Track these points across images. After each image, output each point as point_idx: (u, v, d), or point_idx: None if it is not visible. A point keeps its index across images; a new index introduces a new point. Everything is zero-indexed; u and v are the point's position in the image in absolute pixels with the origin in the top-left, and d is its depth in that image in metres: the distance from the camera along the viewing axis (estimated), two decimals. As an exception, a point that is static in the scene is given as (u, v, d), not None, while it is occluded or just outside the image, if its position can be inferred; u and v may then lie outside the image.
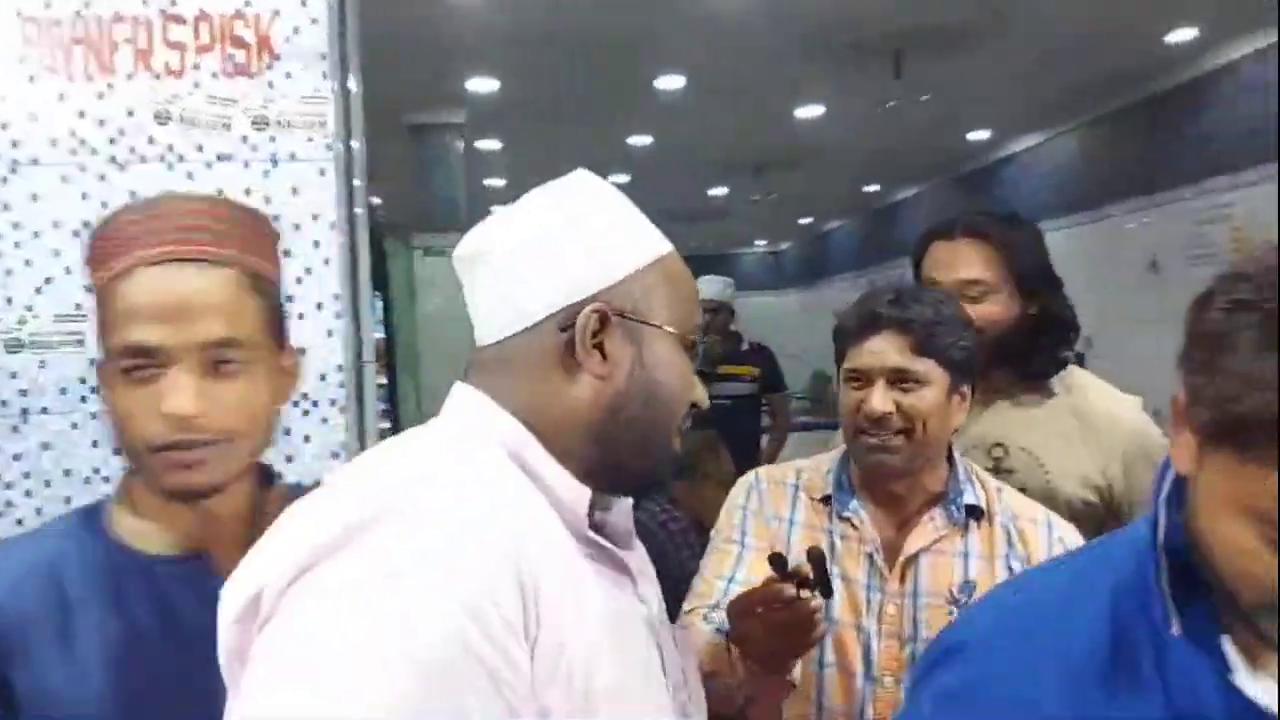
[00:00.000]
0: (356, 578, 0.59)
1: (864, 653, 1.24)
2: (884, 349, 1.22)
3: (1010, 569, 1.21)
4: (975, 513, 1.26)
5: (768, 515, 1.34)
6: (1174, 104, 5.42)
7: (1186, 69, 5.24)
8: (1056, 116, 6.41)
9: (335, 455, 1.38)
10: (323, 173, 1.38)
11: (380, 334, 5.31)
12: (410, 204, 6.18)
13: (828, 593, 0.99)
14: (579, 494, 0.75)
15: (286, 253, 1.38)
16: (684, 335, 0.80)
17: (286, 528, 0.66)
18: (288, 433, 1.37)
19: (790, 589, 0.96)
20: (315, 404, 1.37)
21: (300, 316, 1.37)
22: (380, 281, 5.25)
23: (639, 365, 0.77)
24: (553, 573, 0.65)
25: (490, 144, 6.74)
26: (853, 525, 1.28)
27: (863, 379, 1.25)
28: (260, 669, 0.59)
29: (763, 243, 13.87)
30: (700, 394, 0.83)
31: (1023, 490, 1.37)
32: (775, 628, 0.97)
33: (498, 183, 8.10)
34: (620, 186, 0.83)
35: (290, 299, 1.36)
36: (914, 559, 1.24)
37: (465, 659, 0.58)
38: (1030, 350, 1.53)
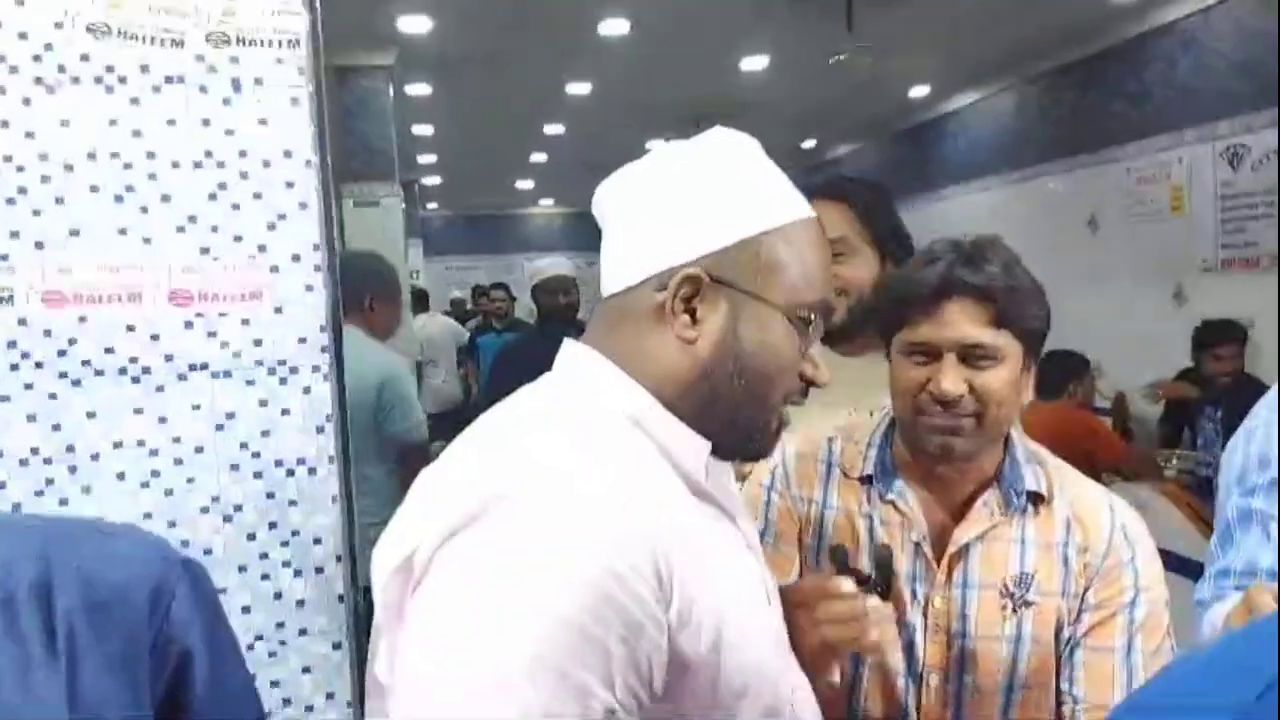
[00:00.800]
0: (503, 544, 0.62)
1: (907, 650, 1.13)
2: (957, 320, 1.06)
3: (1066, 559, 1.10)
4: (1034, 498, 1.13)
5: (794, 496, 1.22)
6: (1114, 62, 5.46)
7: (1127, 27, 5.27)
8: (996, 73, 6.42)
9: (320, 430, 1.20)
10: (295, 102, 1.18)
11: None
12: (337, 153, 5.82)
13: (886, 594, 0.93)
14: (697, 451, 0.76)
15: (256, 195, 1.18)
16: (792, 310, 0.77)
17: (431, 491, 0.69)
18: (263, 404, 1.19)
19: (849, 583, 0.91)
20: (295, 370, 1.18)
21: (274, 269, 1.17)
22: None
23: (732, 336, 0.76)
24: (680, 533, 0.68)
25: (420, 89, 6.40)
26: (898, 510, 1.15)
27: (929, 353, 1.09)
28: (418, 631, 0.63)
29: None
30: (816, 371, 0.80)
31: None
32: (824, 623, 0.90)
33: (426, 130, 7.74)
34: (556, 137, 0.81)
35: (262, 249, 1.17)
36: (965, 549, 1.12)
37: (610, 614, 0.61)
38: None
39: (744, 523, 0.84)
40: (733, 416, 0.77)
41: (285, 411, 1.19)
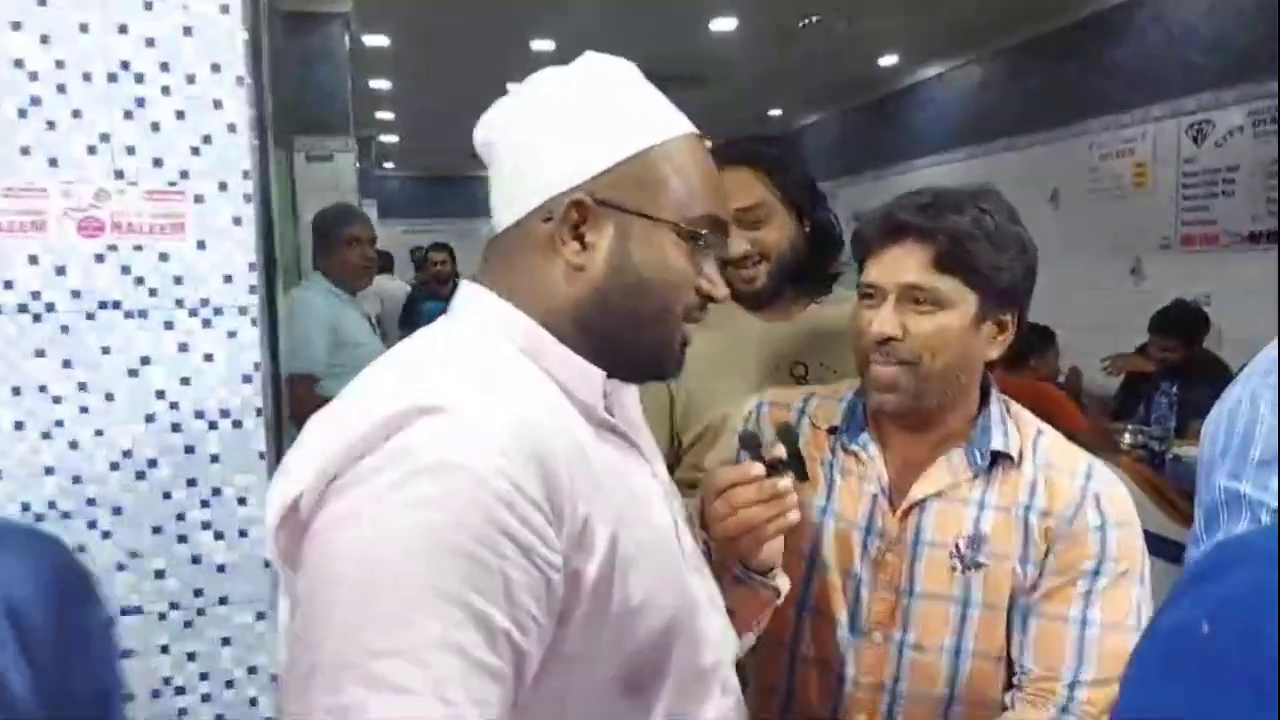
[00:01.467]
0: (388, 479, 0.61)
1: (852, 602, 1.10)
2: (901, 261, 1.04)
3: (1028, 523, 1.05)
4: (1002, 459, 1.08)
5: (766, 441, 1.15)
6: (1083, 36, 5.43)
7: (1097, 1, 5.23)
8: (965, 45, 6.37)
9: (246, 379, 1.09)
10: (226, 9, 1.05)
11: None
12: (290, 105, 5.58)
13: (802, 475, 0.92)
14: (590, 378, 0.77)
15: (179, 114, 1.05)
16: (682, 224, 0.77)
17: (316, 432, 0.68)
18: (183, 348, 1.07)
19: (758, 466, 0.90)
20: (219, 312, 1.07)
21: (198, 199, 1.05)
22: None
23: (623, 257, 0.76)
24: (571, 455, 0.68)
25: (378, 40, 6.16)
26: (858, 459, 1.13)
27: (876, 294, 1.07)
28: (314, 574, 0.63)
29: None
30: (711, 286, 0.80)
31: None
32: (742, 509, 0.90)
33: (384, 85, 7.49)
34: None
35: (185, 175, 1.05)
36: (921, 504, 1.08)
37: (502, 539, 0.61)
38: (809, 267, 1.54)
39: (650, 452, 0.85)
40: (633, 338, 0.78)
41: (208, 358, 1.08)
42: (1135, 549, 1.05)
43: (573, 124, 0.77)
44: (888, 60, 7.00)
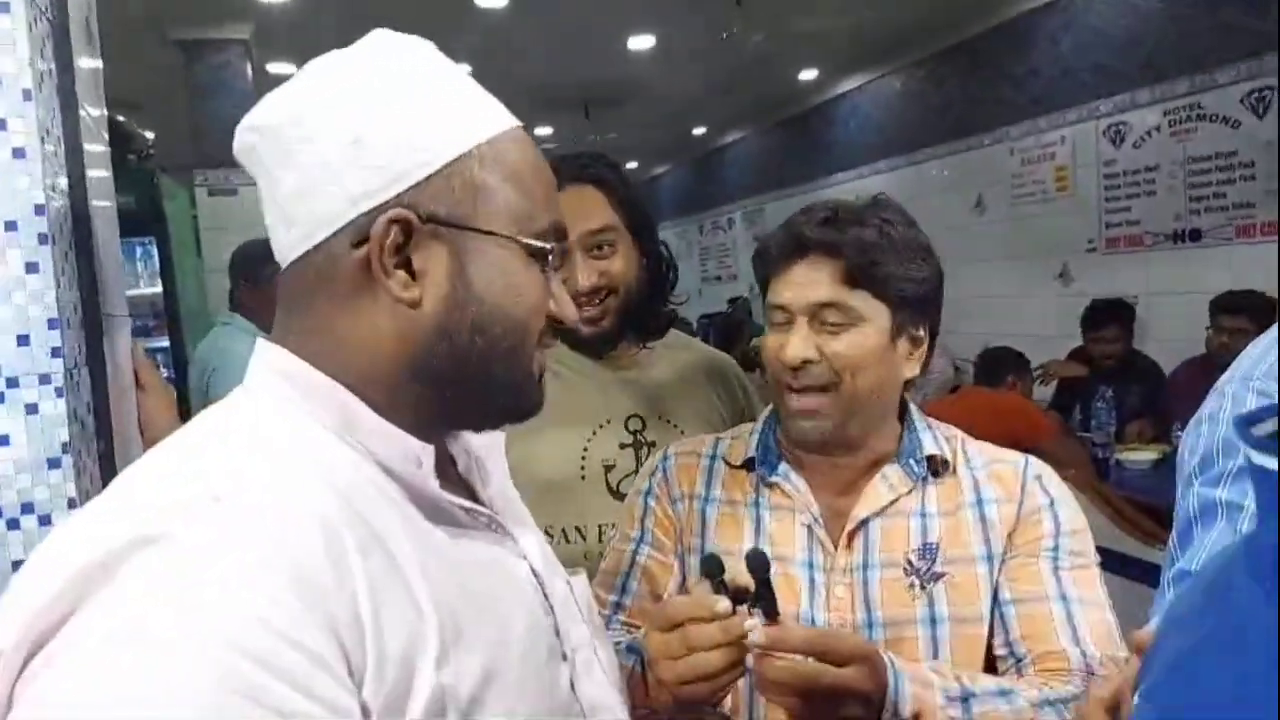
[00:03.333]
0: (103, 647, 0.47)
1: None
2: (807, 279, 0.99)
3: (984, 518, 1.02)
4: (935, 465, 1.05)
5: (673, 496, 1.10)
6: (998, 42, 5.47)
7: (1010, 7, 5.27)
8: (882, 57, 6.39)
9: (54, 464, 0.87)
10: (4, 6, 0.85)
11: (158, 288, 4.55)
12: (189, 137, 5.29)
13: (772, 612, 0.81)
14: (417, 457, 0.62)
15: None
16: (526, 238, 0.64)
17: (30, 567, 0.53)
18: (-31, 432, 0.85)
19: (720, 602, 0.78)
20: (13, 383, 0.85)
21: (-24, 244, 0.84)
22: (156, 228, 4.47)
23: (461, 283, 0.62)
24: (382, 576, 0.54)
25: (283, 67, 5.90)
26: (783, 492, 1.05)
27: (786, 318, 1.01)
28: None
29: (587, 188, 13.42)
30: (562, 309, 0.68)
31: None
32: (700, 651, 0.78)
33: (294, 116, 7.19)
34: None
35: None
36: (863, 526, 1.02)
37: (243, 705, 0.46)
38: (650, 306, 1.37)
39: (522, 529, 0.71)
40: (485, 380, 0.64)
41: (2, 440, 0.86)
42: (1084, 529, 1.03)
43: (378, 121, 0.60)
44: (808, 75, 7.00)
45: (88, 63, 1.12)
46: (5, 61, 0.84)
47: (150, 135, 6.69)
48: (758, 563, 0.83)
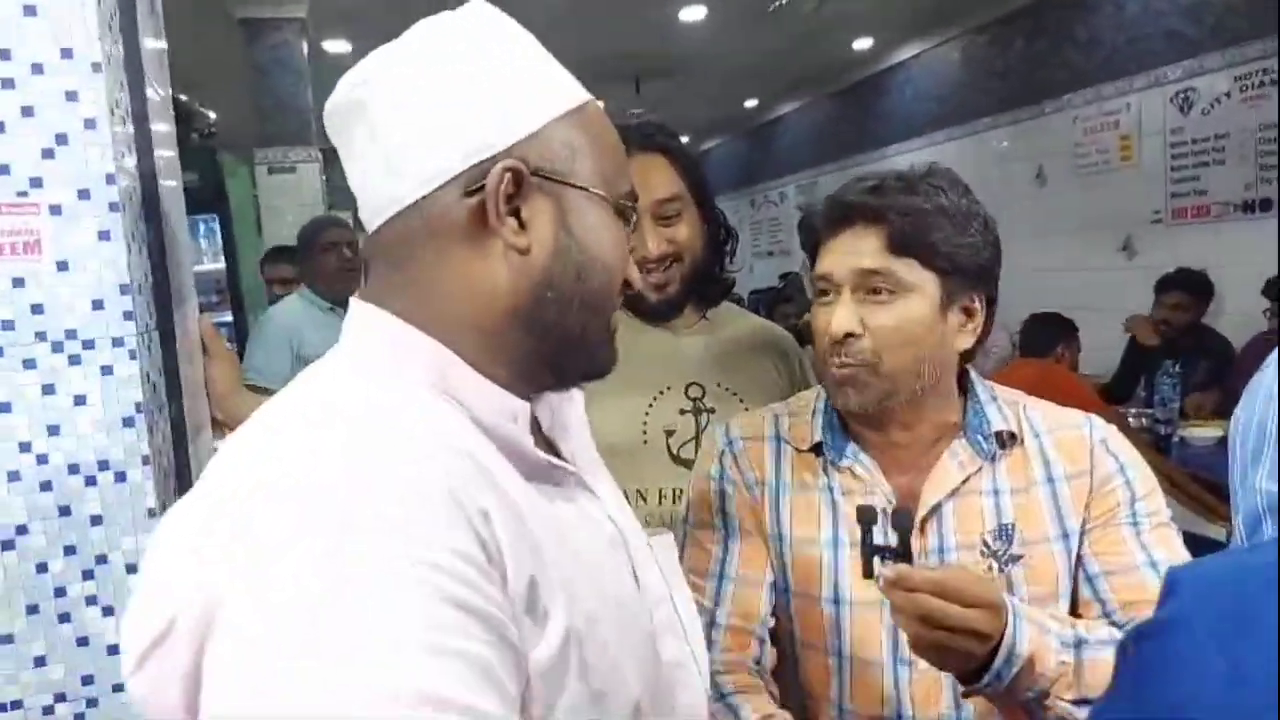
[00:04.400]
0: (308, 580, 0.49)
1: (890, 633, 1.00)
2: (852, 247, 0.98)
3: (1056, 494, 1.00)
4: (1003, 438, 1.02)
5: (748, 482, 1.09)
6: (1059, 9, 5.30)
7: (1074, -29, 5.10)
8: (940, 23, 6.23)
9: (128, 423, 0.92)
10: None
11: (221, 264, 4.68)
12: (249, 115, 5.40)
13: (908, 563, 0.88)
14: (514, 414, 0.64)
15: (25, 110, 0.88)
16: (615, 199, 0.68)
17: (179, 532, 0.55)
18: (48, 390, 0.90)
19: (916, 572, 0.85)
20: (89, 345, 0.90)
21: (54, 210, 0.88)
22: (218, 206, 4.59)
23: (565, 233, 0.65)
24: (504, 514, 0.57)
25: (338, 45, 5.98)
26: (855, 476, 1.03)
27: (831, 288, 1.00)
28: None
29: (638, 162, 13.39)
30: (635, 272, 0.71)
31: None
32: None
33: (349, 94, 7.29)
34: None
35: (36, 183, 0.87)
36: (936, 510, 1.00)
37: (461, 616, 0.50)
38: (711, 274, 1.40)
39: (606, 489, 0.73)
40: (580, 330, 0.67)
41: (79, 400, 0.90)
42: (1156, 488, 1.02)
43: (492, 77, 0.64)
44: (862, 44, 6.86)
45: (152, 43, 1.16)
46: (76, 36, 0.88)
47: (213, 114, 6.85)
48: (900, 522, 0.89)
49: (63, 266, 0.88)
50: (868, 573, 0.89)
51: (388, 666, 0.47)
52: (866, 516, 0.90)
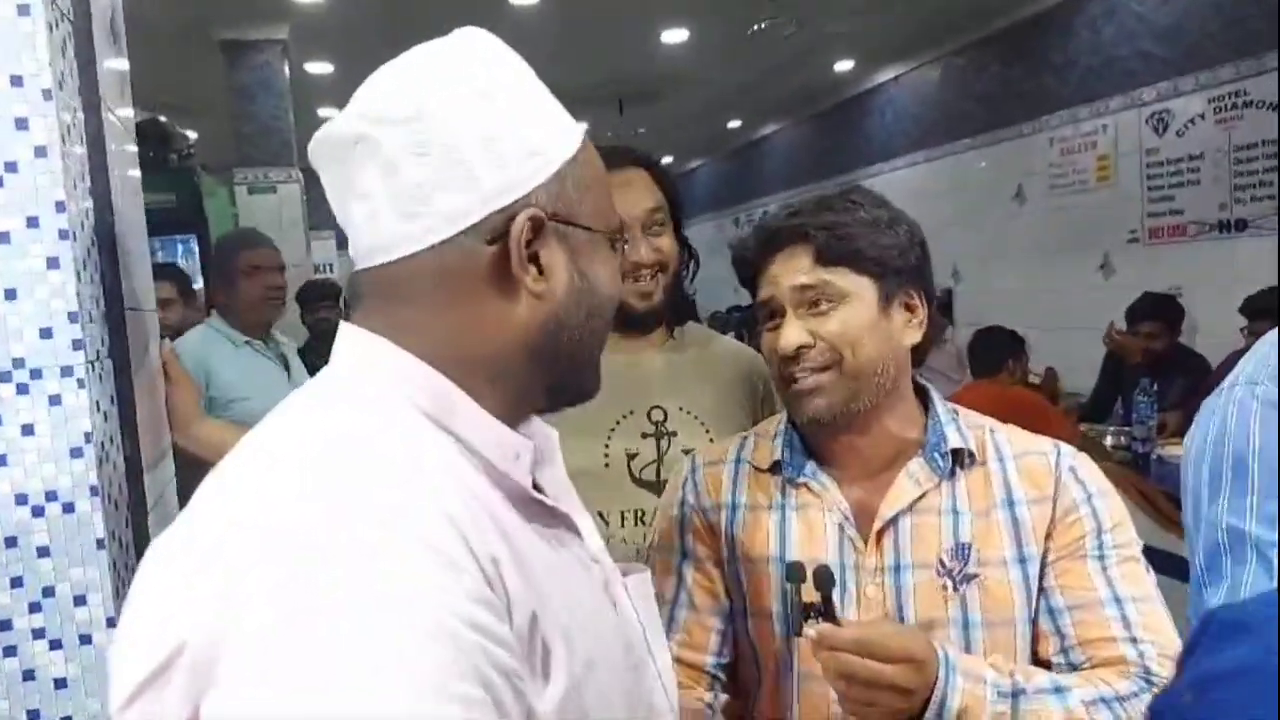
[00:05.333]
0: (315, 622, 0.48)
1: None
2: (784, 269, 1.02)
3: (1016, 519, 0.99)
4: (961, 458, 1.02)
5: (705, 508, 1.10)
6: (1039, 31, 5.37)
7: (1051, -5, 5.17)
8: (921, 45, 6.30)
9: (77, 453, 0.90)
10: (24, 9, 0.87)
11: (199, 285, 4.66)
12: (231, 136, 5.40)
13: (832, 623, 0.87)
14: (517, 452, 0.64)
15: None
16: (611, 232, 0.70)
17: (180, 563, 0.53)
18: (-6, 421, 0.89)
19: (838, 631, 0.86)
20: (36, 375, 0.88)
21: (2, 238, 0.87)
22: (197, 226, 4.57)
23: (579, 275, 0.66)
24: (502, 547, 0.57)
25: (320, 66, 5.99)
26: (811, 492, 1.04)
27: (774, 311, 1.03)
28: None
29: (622, 183, 13.45)
30: (625, 291, 0.77)
31: (686, 455, 1.21)
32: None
33: (330, 112, 7.29)
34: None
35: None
36: (892, 524, 1.00)
37: (475, 657, 0.50)
38: (681, 291, 1.42)
39: (587, 529, 0.72)
40: (585, 359, 0.70)
41: (27, 430, 0.89)
42: (1125, 519, 1.01)
43: (507, 120, 0.63)
44: (843, 66, 6.93)
45: (113, 64, 1.15)
46: (26, 62, 0.87)
47: (194, 135, 6.84)
48: (823, 580, 0.89)
49: (10, 294, 0.87)
50: (797, 630, 0.89)
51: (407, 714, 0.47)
52: (793, 574, 0.91)
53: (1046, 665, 0.98)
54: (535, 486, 0.69)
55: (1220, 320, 4.12)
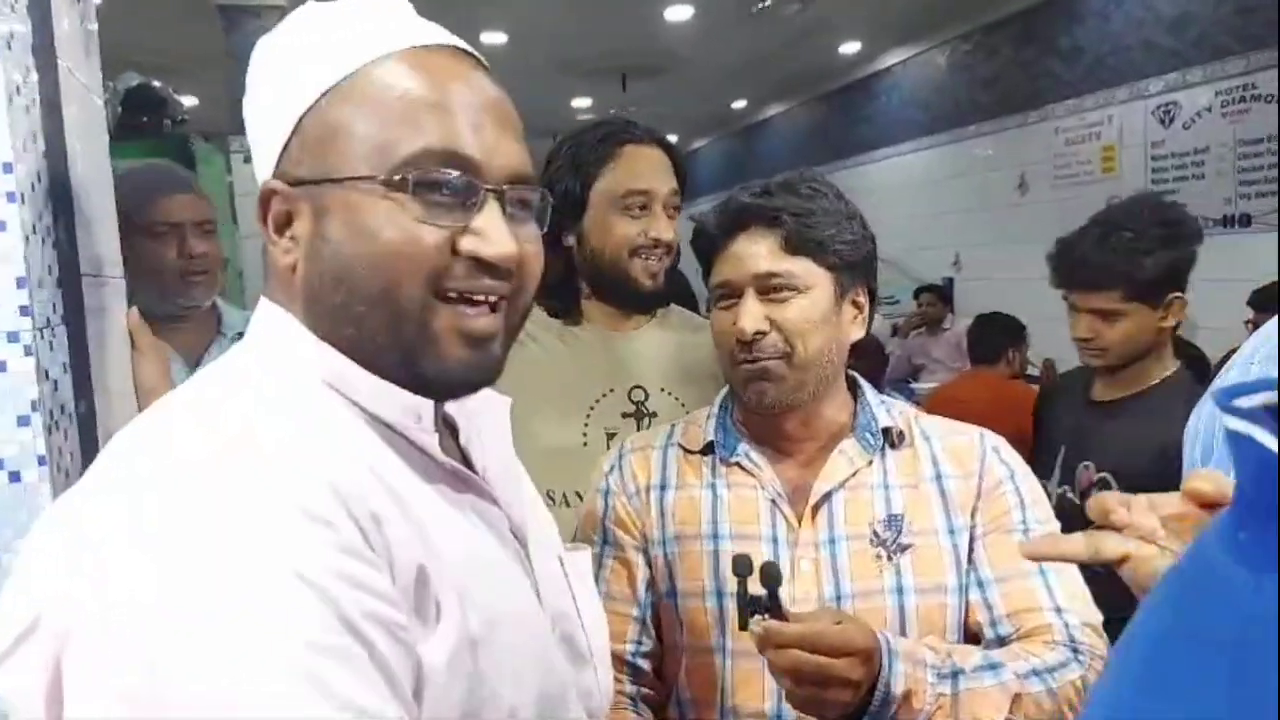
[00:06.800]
0: (172, 600, 0.47)
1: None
2: (748, 251, 1.02)
3: (944, 492, 1.02)
4: (891, 437, 1.06)
5: (629, 491, 1.10)
6: (1047, 17, 5.30)
7: (1061, -18, 5.10)
8: (928, 29, 6.23)
9: (23, 421, 0.88)
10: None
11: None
12: (228, 103, 5.34)
13: (779, 618, 0.87)
14: (417, 413, 0.62)
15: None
16: (385, 172, 0.58)
17: (58, 529, 0.53)
18: (-64, 389, 0.86)
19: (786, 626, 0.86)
20: (-19, 341, 0.86)
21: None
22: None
23: (319, 238, 0.60)
24: (387, 504, 0.55)
25: (321, 35, 5.90)
26: (744, 470, 1.06)
27: (732, 292, 1.03)
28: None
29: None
30: (479, 241, 0.59)
31: None
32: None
33: (333, 84, 7.23)
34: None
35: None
36: (826, 499, 1.02)
37: (344, 605, 0.49)
38: (672, 274, 1.39)
39: (510, 498, 0.68)
40: (369, 343, 0.60)
41: (-28, 398, 0.87)
42: (1042, 497, 1.04)
43: (258, 100, 0.64)
44: (849, 48, 6.86)
45: (75, 25, 1.12)
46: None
47: (193, 101, 6.77)
48: (770, 575, 0.88)
49: (-44, 262, 0.85)
50: (743, 625, 0.88)
51: (274, 669, 0.46)
52: (740, 568, 0.90)
53: (978, 636, 1.00)
54: (465, 460, 0.68)
55: (1223, 316, 4.09)
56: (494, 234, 0.60)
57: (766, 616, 0.86)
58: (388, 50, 0.60)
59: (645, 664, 1.06)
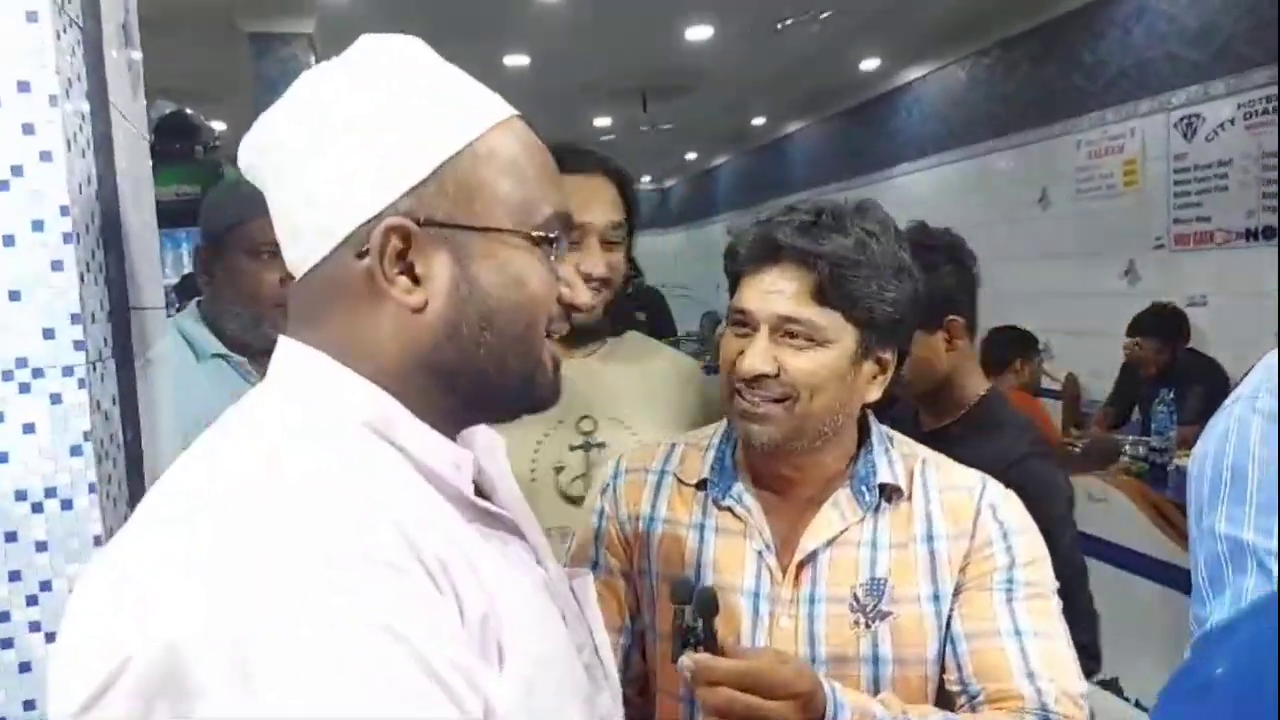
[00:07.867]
0: (271, 647, 0.49)
1: None
2: (776, 288, 0.95)
3: (933, 554, 0.98)
4: (888, 492, 1.00)
5: (622, 516, 1.08)
6: (1067, 31, 5.29)
7: (1081, -5, 5.10)
8: (946, 46, 6.24)
9: (75, 450, 0.92)
10: (33, 16, 0.89)
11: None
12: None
13: (711, 651, 0.83)
14: (457, 463, 0.65)
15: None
16: (528, 229, 0.65)
17: (124, 581, 0.52)
18: (-3, 419, 0.91)
19: (721, 662, 0.82)
20: (39, 374, 0.91)
21: (8, 241, 0.89)
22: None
23: (466, 282, 0.63)
24: (449, 550, 0.58)
25: (347, 60, 6.02)
26: (735, 516, 1.02)
27: (747, 321, 0.98)
28: None
29: (648, 179, 13.48)
30: (576, 294, 0.69)
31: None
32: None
33: (359, 107, 7.35)
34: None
35: (-15, 215, 0.89)
36: (811, 557, 0.98)
37: (425, 651, 0.51)
38: (619, 303, 1.36)
39: (536, 539, 0.73)
40: (499, 375, 0.66)
41: (28, 428, 0.91)
42: (1042, 558, 0.99)
43: (369, 129, 0.62)
44: (869, 64, 6.88)
45: (124, 62, 1.17)
46: (32, 69, 0.89)
47: (222, 126, 6.91)
48: (704, 604, 0.83)
49: (14, 296, 0.89)
50: (674, 657, 0.83)
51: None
52: (679, 595, 0.85)
53: (949, 699, 0.97)
54: (480, 493, 0.69)
55: (1245, 330, 4.06)
56: (579, 283, 0.71)
57: (700, 650, 0.81)
58: (505, 115, 0.66)
59: (626, 691, 1.06)
